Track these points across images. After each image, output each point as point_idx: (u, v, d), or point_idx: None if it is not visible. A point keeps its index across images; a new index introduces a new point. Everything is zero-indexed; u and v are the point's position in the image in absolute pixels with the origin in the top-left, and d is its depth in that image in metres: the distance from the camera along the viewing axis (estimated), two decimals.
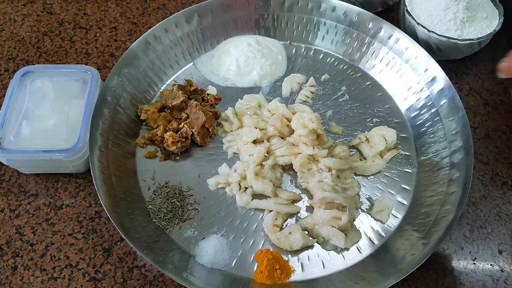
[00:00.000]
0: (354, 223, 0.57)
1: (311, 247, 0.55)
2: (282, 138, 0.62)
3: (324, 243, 0.55)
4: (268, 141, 0.62)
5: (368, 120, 0.66)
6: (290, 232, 0.54)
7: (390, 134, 0.63)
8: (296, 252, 0.54)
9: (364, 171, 0.61)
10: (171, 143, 0.60)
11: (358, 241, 0.55)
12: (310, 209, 0.58)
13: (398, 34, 0.67)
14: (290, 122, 0.62)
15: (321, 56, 0.73)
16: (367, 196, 0.59)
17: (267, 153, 0.60)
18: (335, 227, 0.54)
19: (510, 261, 0.56)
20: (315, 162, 0.59)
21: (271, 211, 0.56)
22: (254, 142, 0.61)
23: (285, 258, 0.54)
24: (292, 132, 0.62)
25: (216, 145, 0.63)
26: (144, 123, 0.64)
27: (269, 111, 0.65)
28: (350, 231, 0.55)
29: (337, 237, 0.54)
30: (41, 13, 0.78)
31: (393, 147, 0.63)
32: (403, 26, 0.72)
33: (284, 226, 0.56)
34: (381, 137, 0.62)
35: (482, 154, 0.64)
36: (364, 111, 0.67)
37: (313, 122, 0.58)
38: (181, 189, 0.59)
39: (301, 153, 0.59)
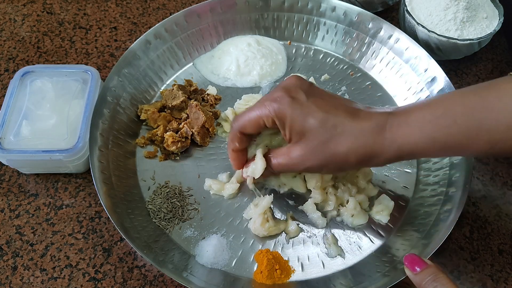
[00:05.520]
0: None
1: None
2: None
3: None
4: None
5: None
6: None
7: None
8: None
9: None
10: (171, 143, 0.60)
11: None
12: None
13: (398, 34, 0.67)
14: None
15: (321, 56, 0.73)
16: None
17: None
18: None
19: (510, 261, 0.56)
20: None
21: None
22: None
23: (285, 258, 0.54)
24: None
25: (216, 145, 0.63)
26: (144, 123, 0.64)
27: None
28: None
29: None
30: (41, 13, 0.78)
31: None
32: (403, 26, 0.72)
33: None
34: None
35: None
36: None
37: None
38: (181, 189, 0.59)
39: None
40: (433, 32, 0.66)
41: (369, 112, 0.46)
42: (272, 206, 0.57)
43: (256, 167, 0.51)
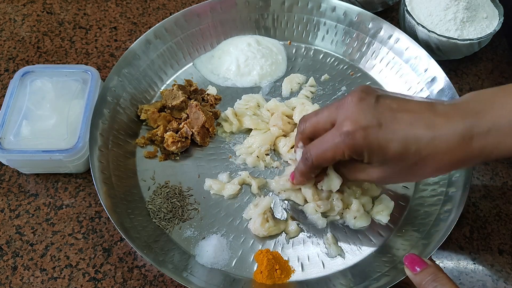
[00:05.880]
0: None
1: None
2: (286, 136, 0.62)
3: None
4: (275, 144, 0.62)
5: None
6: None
7: None
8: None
9: None
10: (171, 143, 0.60)
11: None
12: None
13: (398, 34, 0.67)
14: (291, 118, 0.62)
15: (321, 56, 0.73)
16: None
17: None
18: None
19: (510, 261, 0.56)
20: None
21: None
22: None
23: (285, 258, 0.54)
24: (295, 126, 0.62)
25: (216, 145, 0.63)
26: (144, 123, 0.64)
27: (268, 110, 0.65)
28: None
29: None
30: (41, 13, 0.78)
31: None
32: (403, 26, 0.72)
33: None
34: None
35: None
36: None
37: None
38: (181, 189, 0.59)
39: None
40: (433, 32, 0.66)
41: (448, 116, 0.43)
42: (272, 206, 0.57)
43: (333, 184, 0.52)
